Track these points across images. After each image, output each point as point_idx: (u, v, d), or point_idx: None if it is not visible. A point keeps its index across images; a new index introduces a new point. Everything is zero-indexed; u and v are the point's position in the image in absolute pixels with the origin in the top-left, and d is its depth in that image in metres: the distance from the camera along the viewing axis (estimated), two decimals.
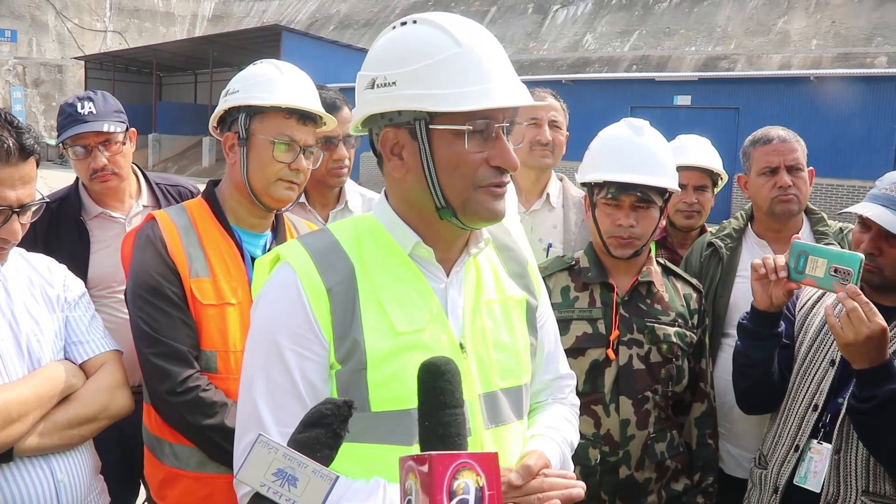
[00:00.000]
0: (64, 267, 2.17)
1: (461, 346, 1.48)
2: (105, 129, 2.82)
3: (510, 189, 1.55)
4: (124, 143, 2.89)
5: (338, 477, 1.10)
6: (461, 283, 1.54)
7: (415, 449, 1.29)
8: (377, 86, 1.44)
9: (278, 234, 2.33)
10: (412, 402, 1.25)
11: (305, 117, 2.21)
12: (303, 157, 2.21)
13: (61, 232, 2.87)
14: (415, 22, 1.45)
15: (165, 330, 2.07)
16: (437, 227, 1.49)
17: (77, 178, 3.00)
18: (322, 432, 1.15)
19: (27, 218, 1.93)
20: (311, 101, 2.25)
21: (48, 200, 2.00)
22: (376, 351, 1.40)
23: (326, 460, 1.13)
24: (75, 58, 44.27)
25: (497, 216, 1.46)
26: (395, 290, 1.46)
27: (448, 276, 1.52)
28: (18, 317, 1.95)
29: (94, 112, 2.85)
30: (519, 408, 1.59)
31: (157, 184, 3.05)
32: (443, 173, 1.41)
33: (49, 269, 2.10)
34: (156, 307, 2.08)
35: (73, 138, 2.82)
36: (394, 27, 1.48)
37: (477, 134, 1.40)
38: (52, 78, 45.86)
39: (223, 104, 2.25)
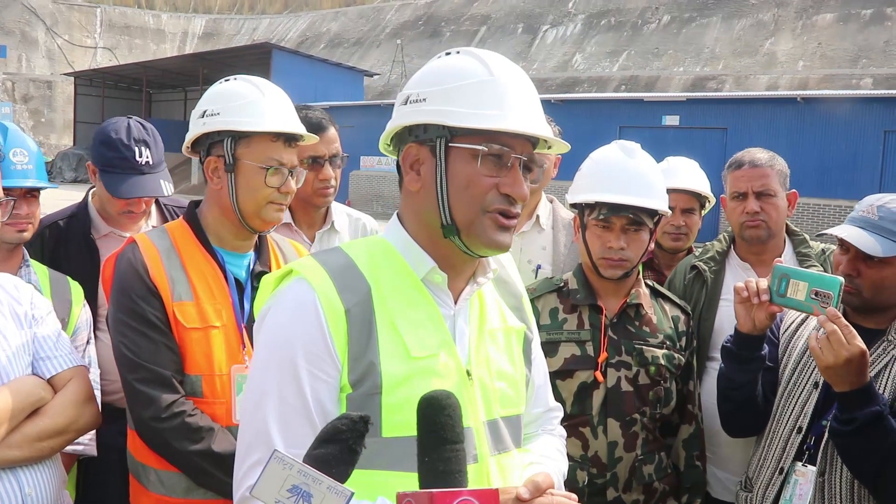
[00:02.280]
0: (31, 286, 2.18)
1: (468, 372, 1.49)
2: (164, 192, 2.80)
3: None
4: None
5: (352, 493, 1.10)
6: (467, 311, 1.56)
7: None
8: (410, 101, 1.50)
9: (262, 254, 2.29)
10: None
11: (290, 138, 2.19)
12: (291, 179, 2.19)
13: (70, 249, 2.84)
14: (458, 52, 1.54)
15: (148, 355, 2.04)
16: (446, 252, 1.50)
17: (86, 197, 2.98)
18: (337, 448, 1.14)
19: None
20: (294, 120, 2.23)
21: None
22: (392, 375, 1.41)
23: (342, 476, 1.12)
24: (65, 74, 44.23)
25: (501, 247, 1.48)
26: (408, 314, 1.46)
27: (456, 304, 1.53)
28: None
29: (151, 162, 2.80)
30: (517, 436, 1.61)
31: (165, 205, 3.03)
32: (454, 191, 1.45)
33: (17, 288, 2.10)
34: (138, 332, 2.05)
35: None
36: (439, 56, 1.57)
37: (492, 158, 1.44)
38: (41, 94, 45.78)
39: (202, 127, 2.18)
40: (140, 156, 2.77)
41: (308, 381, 1.40)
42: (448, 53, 1.55)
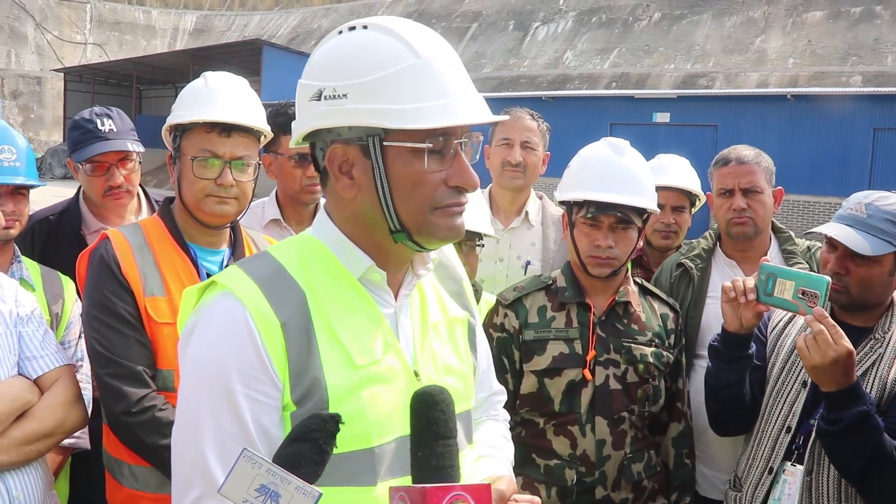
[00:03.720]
0: (15, 282, 2.16)
1: (416, 373, 1.39)
2: (129, 147, 2.83)
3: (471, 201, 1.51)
4: (140, 162, 2.92)
5: (321, 494, 1.09)
6: (408, 306, 1.45)
7: (380, 488, 1.28)
8: (325, 98, 1.32)
9: (236, 249, 2.30)
10: (375, 440, 1.23)
11: (230, 129, 2.16)
12: (229, 171, 2.15)
13: (61, 246, 2.85)
14: (365, 27, 1.34)
15: (120, 350, 2.05)
16: (388, 249, 1.38)
17: (77, 193, 2.99)
18: (307, 447, 1.13)
19: None
20: (234, 111, 2.18)
21: None
22: (337, 388, 1.29)
23: (311, 476, 1.12)
24: (55, 70, 43.95)
25: (456, 234, 1.37)
26: (347, 318, 1.34)
27: (396, 300, 1.43)
28: None
29: (115, 130, 2.85)
30: (469, 432, 1.53)
31: (156, 201, 3.04)
32: (398, 194, 1.31)
33: (1, 286, 2.09)
34: (110, 327, 2.06)
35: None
36: (340, 32, 1.37)
37: (435, 152, 1.30)
38: (30, 90, 45.49)
39: (167, 123, 2.25)
40: (102, 125, 2.83)
41: (246, 405, 1.25)
42: (353, 29, 1.35)
